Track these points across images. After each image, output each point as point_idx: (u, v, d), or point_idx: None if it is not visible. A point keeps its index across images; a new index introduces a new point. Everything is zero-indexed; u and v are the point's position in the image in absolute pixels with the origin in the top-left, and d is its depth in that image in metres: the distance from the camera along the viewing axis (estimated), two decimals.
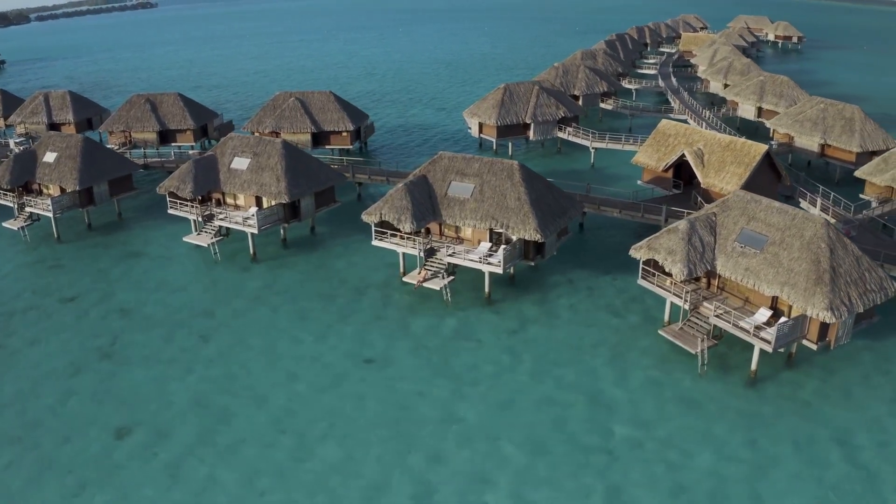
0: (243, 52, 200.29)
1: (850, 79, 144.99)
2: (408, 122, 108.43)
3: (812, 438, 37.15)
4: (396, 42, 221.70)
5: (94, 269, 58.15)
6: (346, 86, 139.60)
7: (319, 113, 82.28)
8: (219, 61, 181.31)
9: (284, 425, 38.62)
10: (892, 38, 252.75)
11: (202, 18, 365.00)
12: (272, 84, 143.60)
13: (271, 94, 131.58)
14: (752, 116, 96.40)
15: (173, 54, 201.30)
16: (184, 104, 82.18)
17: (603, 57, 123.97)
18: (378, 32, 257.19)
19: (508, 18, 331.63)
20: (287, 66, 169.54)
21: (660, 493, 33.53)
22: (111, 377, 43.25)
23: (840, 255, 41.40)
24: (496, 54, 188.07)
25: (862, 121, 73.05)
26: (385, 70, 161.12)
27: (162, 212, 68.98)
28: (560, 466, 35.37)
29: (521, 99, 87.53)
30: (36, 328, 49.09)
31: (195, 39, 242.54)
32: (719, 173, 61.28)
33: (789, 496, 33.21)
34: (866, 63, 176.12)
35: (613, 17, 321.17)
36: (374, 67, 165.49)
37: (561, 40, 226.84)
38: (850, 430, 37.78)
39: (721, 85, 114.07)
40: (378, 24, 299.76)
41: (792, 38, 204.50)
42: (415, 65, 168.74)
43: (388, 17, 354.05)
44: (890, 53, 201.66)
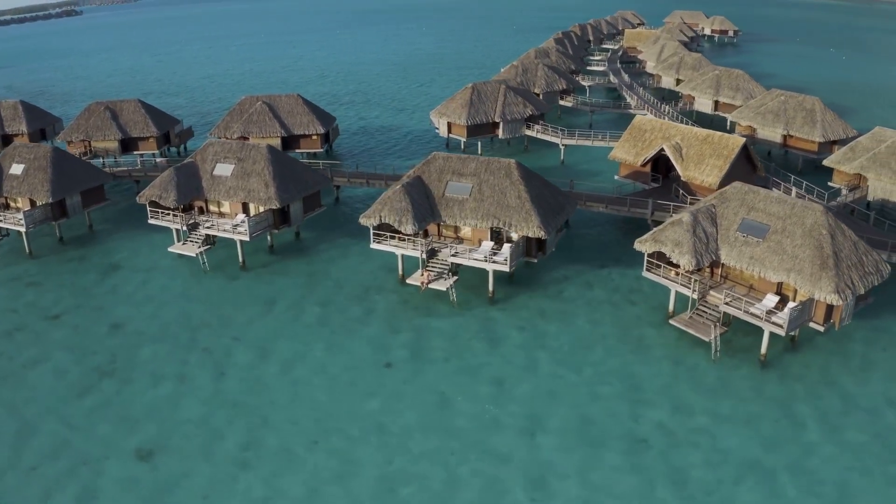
0: (185, 57, 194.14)
1: (788, 70, 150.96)
2: (369, 124, 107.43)
3: (829, 411, 38.87)
4: (340, 44, 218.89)
5: (75, 284, 55.56)
6: (299, 89, 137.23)
7: (288, 116, 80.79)
8: (161, 67, 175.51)
9: (317, 436, 37.80)
10: (822, 30, 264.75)
11: (132, 25, 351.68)
12: (222, 89, 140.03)
13: (223, 99, 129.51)
14: (710, 110, 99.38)
15: (113, 61, 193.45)
16: (145, 111, 79.35)
17: (556, 55, 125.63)
18: (319, 35, 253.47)
19: (446, 18, 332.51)
20: (234, 71, 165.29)
21: (702, 477, 34.26)
22: (119, 396, 41.43)
23: (840, 240, 43.15)
24: (443, 54, 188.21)
25: (822, 111, 76.28)
26: (336, 72, 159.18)
27: (135, 222, 66.69)
28: (603, 457, 35.73)
29: (489, 98, 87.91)
30: (27, 349, 46.58)
31: (133, 46, 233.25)
32: (699, 166, 62.93)
33: (826, 469, 34.49)
34: (801, 55, 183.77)
35: (549, 16, 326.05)
36: (323, 70, 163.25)
37: (503, 39, 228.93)
38: (861, 402, 39.70)
39: (673, 80, 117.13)
40: (316, 26, 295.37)
41: (728, 33, 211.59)
42: (364, 66, 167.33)
43: (325, 19, 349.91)
44: (821, 45, 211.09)
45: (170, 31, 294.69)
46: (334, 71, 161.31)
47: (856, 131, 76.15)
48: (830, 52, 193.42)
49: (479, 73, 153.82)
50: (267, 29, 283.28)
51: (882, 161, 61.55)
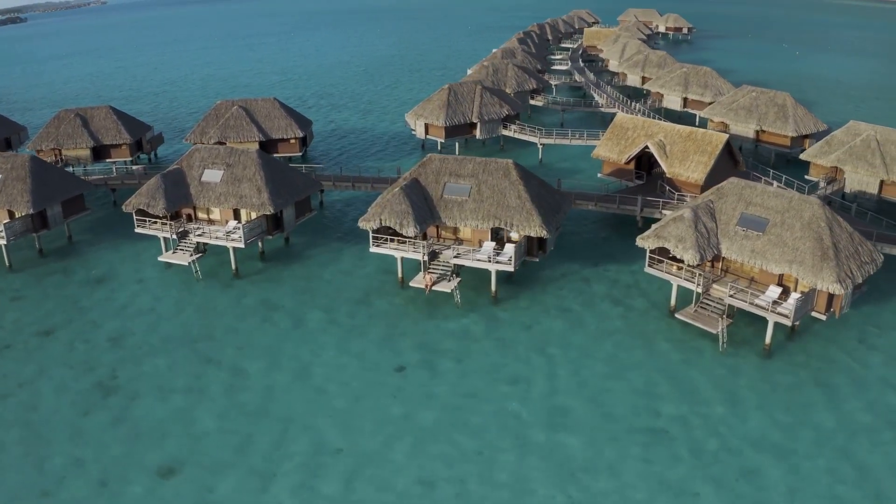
0: (143, 62, 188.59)
1: (745, 67, 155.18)
2: (338, 127, 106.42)
3: (836, 395, 40.21)
4: (299, 47, 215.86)
5: (62, 297, 53.66)
6: (265, 92, 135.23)
7: (265, 120, 79.54)
8: (121, 73, 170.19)
9: (341, 444, 37.30)
10: (772, 25, 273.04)
11: (83, 31, 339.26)
12: (187, 94, 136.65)
13: (189, 104, 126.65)
14: (679, 107, 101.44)
15: (70, 68, 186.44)
16: (117, 118, 77.11)
17: (522, 55, 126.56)
18: (276, 38, 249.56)
19: (398, 20, 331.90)
20: (196, 76, 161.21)
21: (726, 464, 34.96)
22: (127, 413, 40.16)
23: (837, 232, 44.56)
24: (403, 56, 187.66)
25: (793, 107, 78.60)
26: (298, 75, 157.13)
27: (116, 231, 64.89)
28: (629, 449, 36.16)
29: (465, 99, 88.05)
30: (21, 368, 44.78)
31: (88, 52, 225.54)
32: (683, 163, 64.20)
33: (840, 449, 35.63)
34: (755, 50, 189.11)
35: (503, 16, 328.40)
36: (286, 73, 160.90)
37: (461, 39, 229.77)
38: (864, 384, 41.33)
39: (639, 78, 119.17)
40: (272, 29, 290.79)
41: (682, 30, 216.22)
42: (325, 69, 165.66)
43: (278, 21, 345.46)
44: (772, 40, 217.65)
45: (123, 36, 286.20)
46: (297, 74, 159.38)
47: (825, 125, 78.75)
48: (783, 47, 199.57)
49: (444, 74, 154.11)
50: (221, 32, 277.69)
51: (858, 154, 63.74)
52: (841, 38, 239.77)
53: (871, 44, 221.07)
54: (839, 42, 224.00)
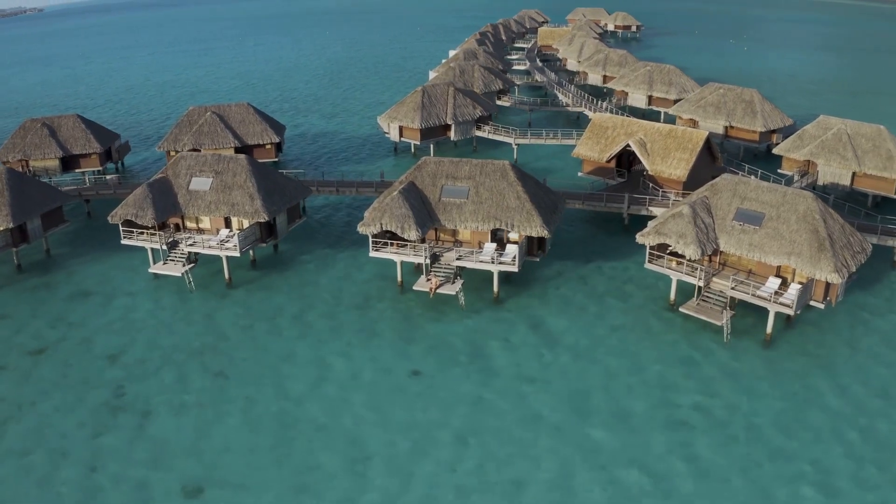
0: (93, 71, 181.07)
1: (697, 63, 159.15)
2: (306, 132, 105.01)
3: (839, 379, 41.94)
4: (253, 52, 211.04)
5: (49, 314, 51.63)
6: (227, 97, 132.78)
7: (240, 126, 78.07)
8: (72, 82, 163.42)
9: (370, 451, 36.99)
10: (716, 21, 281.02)
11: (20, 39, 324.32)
12: (146, 101, 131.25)
13: (149, 111, 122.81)
14: (644, 105, 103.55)
15: (17, 78, 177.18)
16: (86, 126, 74.54)
17: (484, 56, 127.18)
18: (229, 42, 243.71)
19: (346, 22, 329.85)
20: (153, 82, 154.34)
21: (748, 451, 36.00)
22: (142, 432, 38.94)
23: (830, 224, 46.31)
24: (359, 59, 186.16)
25: (761, 102, 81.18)
26: (256, 80, 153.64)
27: (95, 243, 62.89)
28: (652, 441, 36.85)
29: (439, 100, 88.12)
30: (18, 390, 42.91)
31: (33, 61, 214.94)
32: (665, 160, 65.64)
33: (851, 428, 37.12)
34: (704, 47, 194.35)
35: (453, 17, 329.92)
36: (243, 78, 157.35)
37: (415, 41, 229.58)
38: (862, 367, 43.31)
39: (600, 77, 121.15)
40: (220, 34, 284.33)
41: (631, 28, 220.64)
42: (283, 73, 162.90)
43: (223, 27, 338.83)
44: (719, 36, 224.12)
45: (67, 44, 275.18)
46: (255, 78, 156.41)
47: (791, 120, 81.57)
48: (730, 42, 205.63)
49: (404, 76, 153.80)
50: (168, 38, 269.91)
51: (830, 147, 66.26)
52: (784, 32, 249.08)
53: (814, 38, 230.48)
54: (783, 37, 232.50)
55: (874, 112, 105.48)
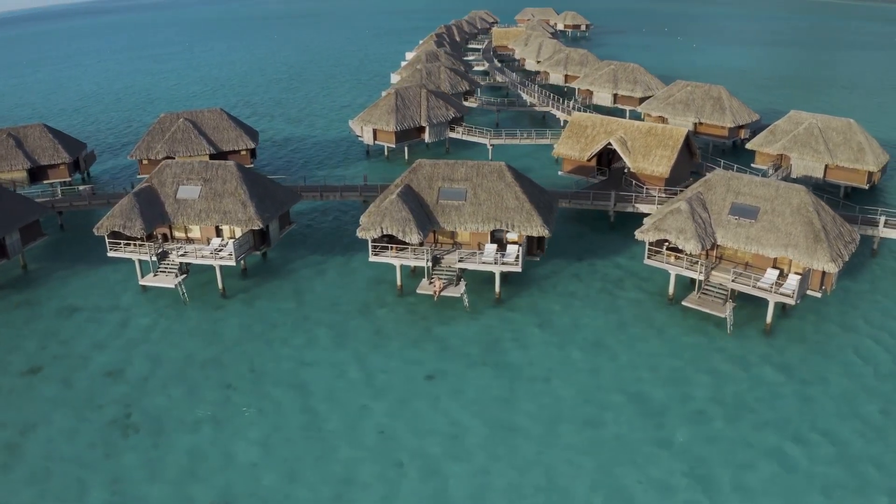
0: (43, 79, 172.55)
1: (648, 61, 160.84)
2: (273, 137, 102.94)
3: (839, 362, 43.57)
4: (205, 57, 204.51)
5: (37, 332, 49.50)
6: (186, 105, 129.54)
7: (214, 132, 76.33)
8: (22, 91, 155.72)
9: (398, 458, 36.63)
10: (663, 19, 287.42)
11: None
12: (106, 110, 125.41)
13: (108, 120, 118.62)
14: (609, 103, 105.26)
15: None
16: (53, 136, 71.81)
17: (445, 57, 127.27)
18: (177, 48, 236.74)
19: (294, 26, 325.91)
20: (107, 91, 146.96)
21: (768, 438, 37.02)
22: (157, 451, 37.66)
23: (823, 215, 47.93)
24: (314, 62, 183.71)
25: (728, 99, 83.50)
26: (215, 86, 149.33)
27: (74, 257, 60.82)
28: (674, 433, 37.56)
29: (412, 103, 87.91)
30: (17, 413, 40.99)
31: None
32: (647, 157, 66.89)
33: (860, 407, 38.61)
34: (653, 44, 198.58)
35: (402, 18, 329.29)
36: (201, 84, 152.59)
37: (368, 44, 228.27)
38: (859, 350, 45.14)
39: (562, 76, 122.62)
40: (169, 40, 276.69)
41: (580, 27, 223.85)
42: (241, 78, 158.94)
43: (166, 33, 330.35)
44: (667, 33, 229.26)
45: (13, 52, 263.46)
46: (213, 84, 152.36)
47: (758, 115, 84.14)
48: (678, 40, 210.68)
49: (364, 79, 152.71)
50: (117, 46, 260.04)
51: (803, 141, 68.62)
52: (728, 28, 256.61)
53: (759, 33, 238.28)
54: (728, 33, 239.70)
55: (830, 106, 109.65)
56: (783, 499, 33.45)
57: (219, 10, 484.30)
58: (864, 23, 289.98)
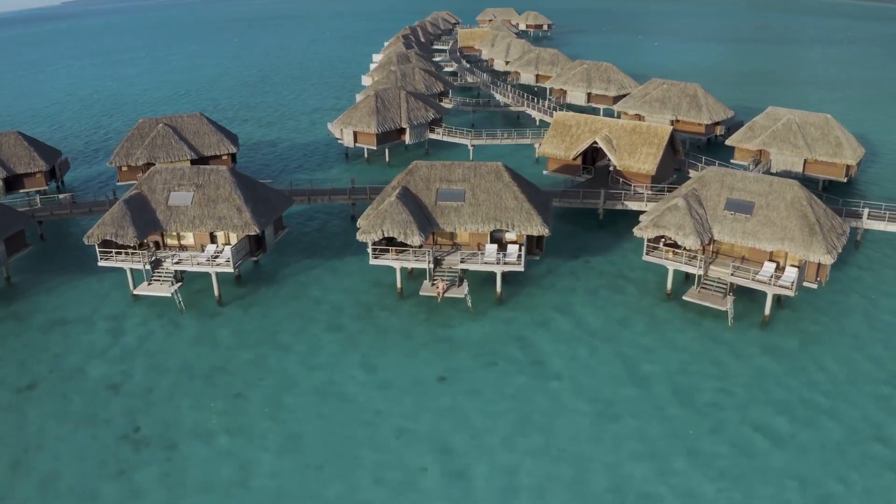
0: (2, 87, 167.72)
1: (613, 60, 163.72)
2: (247, 141, 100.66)
3: (836, 350, 45.03)
4: (169, 62, 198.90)
5: (28, 346, 47.83)
6: (155, 108, 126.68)
7: (195, 137, 74.88)
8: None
9: (423, 462, 36.43)
10: (622, 18, 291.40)
11: None
12: (72, 116, 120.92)
13: (78, 126, 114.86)
14: (583, 102, 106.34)
15: None
16: (28, 144, 69.56)
17: (416, 58, 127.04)
18: (139, 53, 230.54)
19: (254, 30, 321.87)
20: (74, 97, 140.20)
21: (783, 424, 37.89)
22: (173, 465, 36.73)
23: (816, 209, 49.17)
24: (279, 65, 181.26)
25: (704, 96, 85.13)
26: (183, 90, 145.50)
27: (58, 267, 59.10)
28: (695, 424, 38.12)
29: (392, 104, 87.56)
30: (18, 431, 39.53)
31: None
32: (633, 155, 67.77)
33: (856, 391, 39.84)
34: (615, 43, 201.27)
35: (362, 20, 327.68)
36: (170, 88, 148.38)
37: (330, 47, 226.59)
38: (853, 337, 46.76)
39: (533, 76, 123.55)
40: (124, 46, 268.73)
41: (542, 27, 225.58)
42: (208, 82, 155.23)
43: (125, 38, 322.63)
44: (628, 32, 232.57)
45: None
46: (181, 89, 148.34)
47: (732, 112, 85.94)
48: (639, 38, 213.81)
49: (333, 81, 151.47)
50: (76, 52, 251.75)
51: (781, 137, 70.35)
52: (688, 26, 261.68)
53: (718, 30, 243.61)
54: (688, 31, 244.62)
55: (798, 101, 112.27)
56: (800, 481, 34.28)
57: (172, 14, 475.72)
58: (811, 18, 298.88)
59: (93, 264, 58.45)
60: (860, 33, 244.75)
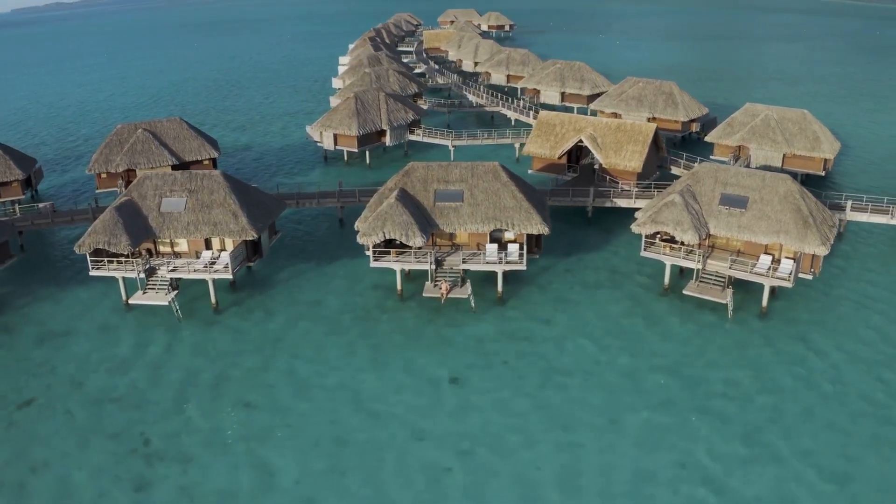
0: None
1: (575, 59, 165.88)
2: (220, 145, 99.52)
3: (834, 337, 46.41)
4: (131, 68, 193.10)
5: (21, 361, 46.18)
6: (125, 114, 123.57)
7: (175, 142, 73.32)
8: None
9: (449, 463, 36.28)
10: (580, 18, 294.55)
11: None
12: (38, 124, 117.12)
13: (45, 134, 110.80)
14: (557, 101, 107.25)
15: None
16: (3, 151, 67.28)
17: (387, 60, 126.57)
18: (89, 61, 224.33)
19: (209, 35, 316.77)
20: (37, 105, 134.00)
21: (793, 411, 38.81)
22: (190, 477, 35.89)
23: (808, 202, 50.44)
24: (244, 69, 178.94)
25: (680, 94, 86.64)
26: (150, 96, 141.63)
27: (43, 278, 57.41)
28: (709, 415, 38.76)
29: (372, 106, 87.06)
30: (21, 450, 38.08)
31: None
32: (618, 153, 68.59)
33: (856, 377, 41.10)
34: (578, 43, 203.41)
35: (319, 23, 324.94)
36: (137, 95, 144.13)
37: (294, 50, 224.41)
38: (849, 324, 47.88)
39: (504, 76, 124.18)
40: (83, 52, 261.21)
41: (504, 27, 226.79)
42: (173, 87, 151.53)
43: (81, 43, 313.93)
44: (587, 31, 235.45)
45: None
46: (148, 94, 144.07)
47: (707, 109, 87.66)
48: (601, 37, 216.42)
49: (302, 84, 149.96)
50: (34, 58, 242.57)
51: (760, 132, 72.01)
52: (648, 25, 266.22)
53: (678, 28, 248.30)
54: (649, 29, 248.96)
55: (766, 97, 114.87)
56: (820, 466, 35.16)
57: (126, 20, 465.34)
58: (768, 15, 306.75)
59: (79, 274, 57.19)
60: (815, 29, 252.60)
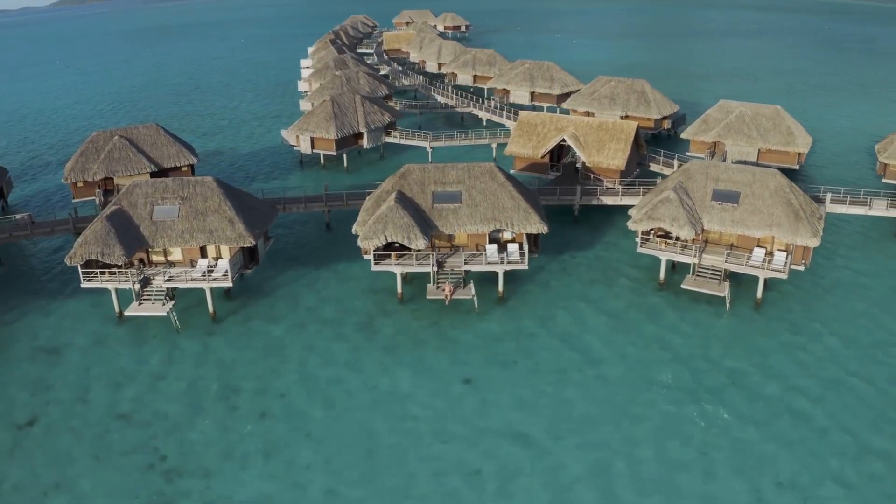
0: None
1: (533, 58, 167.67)
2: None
3: (829, 326, 48.07)
4: (87, 74, 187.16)
5: (15, 378, 44.37)
6: (92, 121, 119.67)
7: (152, 149, 71.49)
8: None
9: (476, 465, 36.32)
10: (534, 17, 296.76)
11: None
12: (4, 136, 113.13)
13: (8, 143, 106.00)
14: (527, 101, 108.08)
15: None
16: None
17: (353, 62, 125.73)
18: (44, 67, 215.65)
19: (161, 42, 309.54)
20: None
21: (798, 400, 40.05)
22: (212, 493, 35.07)
23: (797, 196, 52.03)
24: (206, 73, 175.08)
25: (652, 92, 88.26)
26: (115, 103, 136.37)
27: (27, 292, 55.48)
28: (720, 407, 39.72)
29: (348, 109, 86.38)
30: (30, 472, 36.64)
31: None
32: (601, 151, 69.61)
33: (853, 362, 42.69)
34: (536, 42, 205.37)
35: (272, 26, 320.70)
36: (100, 101, 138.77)
37: (254, 52, 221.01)
38: (843, 313, 49.70)
39: (471, 77, 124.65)
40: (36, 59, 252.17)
41: (460, 28, 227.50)
42: (136, 93, 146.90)
43: (31, 50, 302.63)
44: (541, 31, 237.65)
45: None
46: (111, 100, 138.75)
47: (678, 106, 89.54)
48: (556, 37, 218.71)
49: (266, 87, 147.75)
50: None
51: (735, 128, 73.94)
52: (601, 23, 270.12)
53: (630, 27, 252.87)
54: (602, 28, 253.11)
55: (730, 93, 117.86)
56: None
57: (73, 26, 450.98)
58: (720, 11, 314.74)
59: (65, 286, 55.50)
60: (767, 25, 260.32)
